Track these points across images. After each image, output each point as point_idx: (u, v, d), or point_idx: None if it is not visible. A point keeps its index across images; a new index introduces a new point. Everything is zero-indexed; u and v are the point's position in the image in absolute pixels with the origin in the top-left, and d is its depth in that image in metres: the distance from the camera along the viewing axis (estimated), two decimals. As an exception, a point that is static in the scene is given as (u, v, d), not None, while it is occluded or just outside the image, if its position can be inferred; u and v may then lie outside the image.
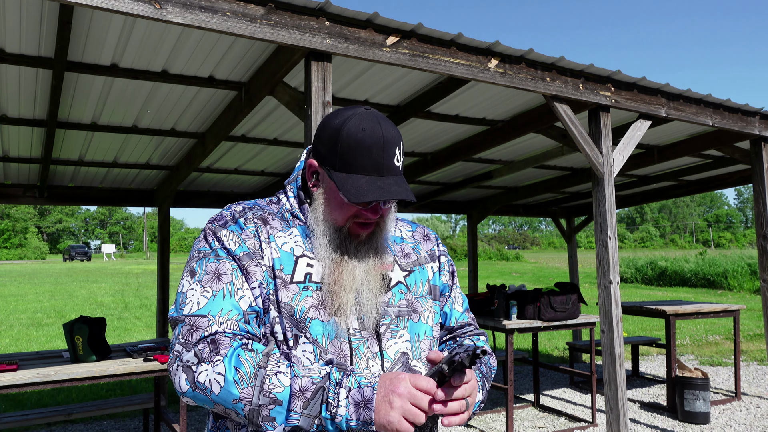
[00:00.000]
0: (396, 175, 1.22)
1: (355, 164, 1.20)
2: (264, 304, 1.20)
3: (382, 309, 1.27)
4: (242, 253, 1.22)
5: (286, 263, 1.23)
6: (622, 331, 4.15)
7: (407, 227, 1.48)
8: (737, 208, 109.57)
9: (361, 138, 1.20)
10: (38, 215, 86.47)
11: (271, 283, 1.21)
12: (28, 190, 6.59)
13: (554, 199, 9.30)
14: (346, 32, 3.08)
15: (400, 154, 1.25)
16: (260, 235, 1.24)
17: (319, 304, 1.21)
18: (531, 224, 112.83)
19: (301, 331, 1.19)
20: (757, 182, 5.43)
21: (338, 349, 1.20)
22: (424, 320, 1.34)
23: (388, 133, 1.22)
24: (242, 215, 1.27)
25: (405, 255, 1.39)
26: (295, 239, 1.27)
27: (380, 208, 1.25)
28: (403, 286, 1.33)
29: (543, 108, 4.66)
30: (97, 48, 3.38)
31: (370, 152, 1.19)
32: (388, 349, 1.25)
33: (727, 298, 19.30)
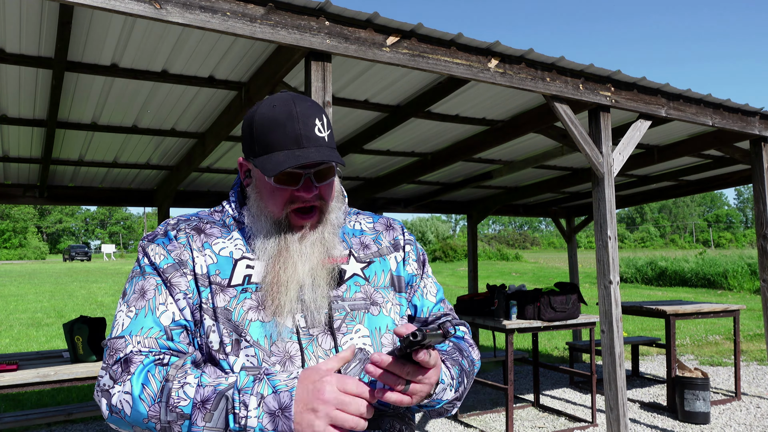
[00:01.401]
0: (320, 145, 1.16)
1: (271, 143, 1.15)
2: (195, 315, 1.16)
3: (336, 303, 1.20)
4: (166, 265, 1.18)
5: (223, 268, 1.19)
6: (622, 331, 4.14)
7: (368, 219, 1.40)
8: (737, 208, 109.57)
9: (272, 115, 1.16)
10: (38, 215, 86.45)
11: (205, 290, 1.16)
12: (28, 190, 6.59)
13: (554, 199, 9.30)
14: (346, 32, 3.08)
15: (324, 126, 1.18)
16: (191, 244, 1.20)
17: (259, 305, 1.15)
18: (531, 224, 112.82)
19: (241, 335, 1.13)
20: (757, 182, 5.43)
21: (283, 350, 1.13)
22: (385, 312, 1.25)
23: (302, 106, 1.17)
24: (174, 227, 1.24)
25: (364, 247, 1.32)
26: (236, 243, 1.23)
27: (313, 185, 1.18)
28: (360, 278, 1.26)
29: (543, 108, 4.66)
30: (97, 48, 3.38)
31: (285, 127, 1.15)
32: (344, 345, 1.17)
33: (727, 298, 19.30)
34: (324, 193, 1.21)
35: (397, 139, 5.49)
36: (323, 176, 1.19)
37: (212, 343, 1.13)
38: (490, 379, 7.10)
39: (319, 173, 1.19)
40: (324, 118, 1.20)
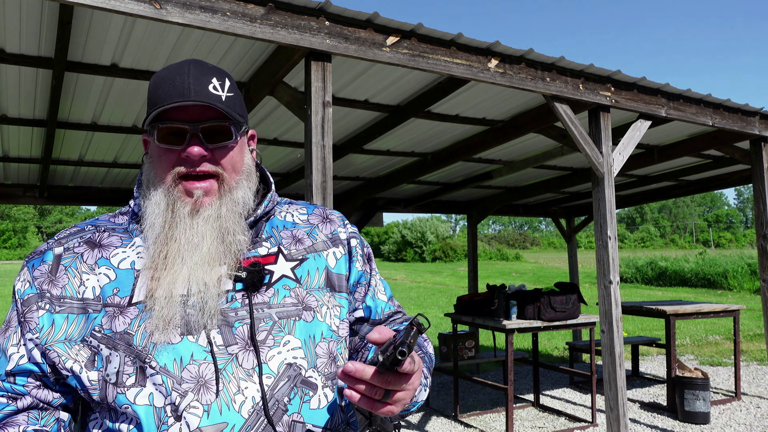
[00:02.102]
0: (212, 101, 1.03)
1: (158, 99, 1.03)
2: (48, 356, 1.00)
3: (260, 311, 1.03)
4: (27, 296, 1.04)
5: (123, 284, 1.03)
6: (622, 331, 4.15)
7: (302, 210, 1.23)
8: (737, 208, 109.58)
9: (163, 74, 1.05)
10: (38, 215, 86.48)
11: (97, 316, 1.00)
12: (28, 190, 6.59)
13: (554, 199, 9.31)
14: (346, 32, 3.08)
15: (222, 86, 1.05)
16: (79, 266, 1.04)
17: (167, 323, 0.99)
18: (531, 224, 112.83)
19: (145, 362, 0.97)
20: (757, 182, 5.43)
21: (197, 375, 0.97)
22: (320, 317, 1.09)
23: (199, 66, 1.06)
24: (61, 243, 1.09)
25: (296, 241, 1.15)
26: (138, 251, 1.07)
27: (201, 143, 1.03)
28: (290, 280, 1.09)
29: (543, 108, 4.66)
30: (97, 48, 3.38)
31: (173, 81, 1.02)
32: (269, 361, 1.01)
33: (727, 298, 19.30)
34: (219, 157, 1.06)
35: (397, 139, 5.48)
36: (215, 137, 1.05)
37: (110, 375, 0.98)
38: (490, 379, 7.10)
39: (211, 133, 1.05)
40: (227, 81, 1.07)
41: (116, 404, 0.98)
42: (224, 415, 0.96)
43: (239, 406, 0.98)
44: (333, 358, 1.09)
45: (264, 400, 0.99)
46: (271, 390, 1.00)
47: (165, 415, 0.96)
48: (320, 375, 1.06)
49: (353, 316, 1.21)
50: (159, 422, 0.96)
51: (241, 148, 1.11)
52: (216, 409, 0.97)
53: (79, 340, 1.00)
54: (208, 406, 0.96)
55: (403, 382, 0.91)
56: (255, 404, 0.98)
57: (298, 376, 1.03)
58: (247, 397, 0.98)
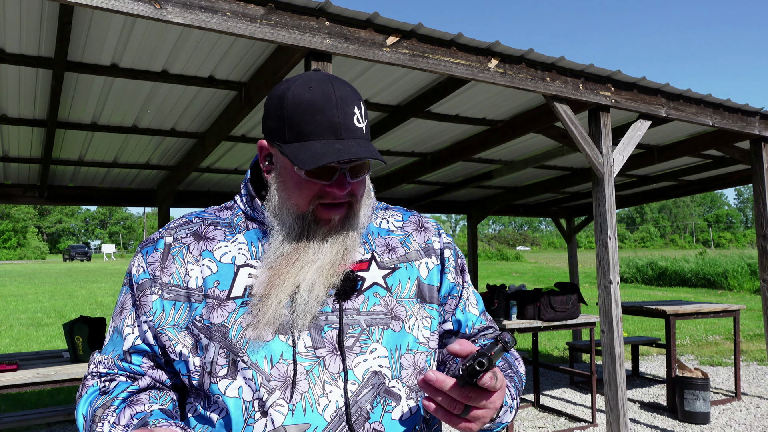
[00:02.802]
0: (359, 137, 1.03)
1: (306, 129, 1.01)
2: (159, 339, 1.05)
3: (349, 317, 1.05)
4: (142, 281, 1.08)
5: (223, 277, 1.06)
6: (622, 331, 4.14)
7: (397, 216, 1.22)
8: (737, 208, 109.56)
9: (309, 98, 1.01)
10: (38, 215, 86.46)
11: (198, 306, 1.04)
12: (28, 190, 6.59)
13: (554, 199, 9.31)
14: (346, 32, 3.08)
15: (362, 115, 1.05)
16: (186, 256, 1.08)
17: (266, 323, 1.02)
18: (531, 224, 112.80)
19: (238, 355, 1.00)
20: (757, 182, 5.43)
21: (285, 374, 1.00)
22: (408, 329, 1.08)
23: (341, 91, 1.03)
24: (171, 233, 1.12)
25: (389, 250, 1.15)
26: (239, 247, 1.09)
27: (347, 181, 1.04)
28: (380, 288, 1.09)
29: (543, 108, 4.66)
30: (97, 48, 3.38)
31: (323, 112, 1.00)
32: (355, 367, 1.02)
33: (727, 298, 19.30)
34: (355, 188, 1.07)
35: (397, 139, 5.49)
36: (358, 172, 1.06)
37: (206, 364, 1.02)
38: (490, 379, 7.08)
39: (354, 168, 1.05)
40: (362, 106, 1.06)
41: (210, 392, 1.01)
42: (308, 416, 0.98)
43: (323, 408, 0.99)
44: (419, 369, 1.08)
45: (347, 405, 1.00)
46: (355, 396, 1.01)
47: (252, 409, 0.99)
48: (404, 386, 1.05)
49: (442, 329, 1.20)
50: (246, 415, 0.99)
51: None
52: (300, 409, 0.98)
53: (184, 327, 1.04)
54: (293, 406, 0.98)
55: (483, 399, 0.90)
56: (338, 409, 0.99)
57: (381, 385, 1.03)
58: (330, 401, 0.99)
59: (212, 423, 1.02)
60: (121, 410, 1.00)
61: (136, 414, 1.00)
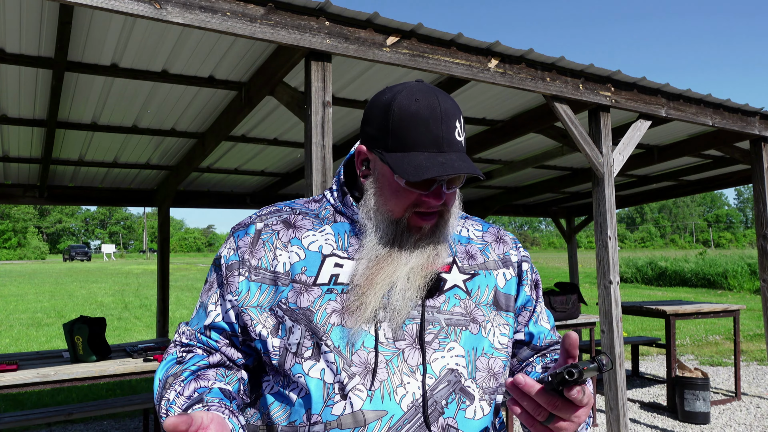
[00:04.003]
0: (459, 151, 1.06)
1: (410, 140, 1.04)
2: (242, 318, 1.10)
3: (430, 314, 1.08)
4: (231, 262, 1.13)
5: (311, 264, 1.10)
6: (622, 331, 4.15)
7: (477, 226, 1.27)
8: (737, 208, 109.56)
9: (415, 110, 1.04)
10: (38, 215, 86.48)
11: (285, 289, 1.08)
12: (28, 190, 6.59)
13: (554, 199, 9.31)
14: (346, 32, 3.08)
15: (461, 129, 1.08)
16: (275, 242, 1.13)
17: (344, 309, 1.06)
18: (531, 224, 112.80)
19: (322, 339, 1.04)
20: (757, 182, 5.43)
21: (365, 361, 1.03)
22: (484, 333, 1.12)
23: (445, 104, 1.06)
24: (262, 219, 1.17)
25: (470, 257, 1.19)
26: (327, 237, 1.14)
27: (443, 192, 1.07)
28: (460, 290, 1.13)
29: (543, 108, 4.66)
30: (97, 48, 3.38)
31: (428, 125, 1.03)
32: (433, 362, 1.05)
33: (727, 298, 19.30)
34: (449, 199, 1.11)
35: (397, 139, 5.48)
36: (453, 183, 1.09)
37: (291, 345, 1.06)
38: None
39: (450, 180, 1.09)
40: (461, 120, 1.10)
41: (291, 372, 1.05)
42: (385, 404, 1.01)
43: (400, 398, 1.02)
44: (492, 374, 1.11)
45: (424, 398, 1.03)
46: (432, 390, 1.04)
47: (333, 391, 1.02)
48: (478, 387, 1.08)
49: (514, 339, 1.23)
50: (326, 397, 1.02)
51: None
52: (378, 396, 1.01)
53: (267, 309, 1.09)
54: (372, 392, 1.01)
55: (568, 411, 0.91)
56: (414, 400, 1.02)
57: (457, 383, 1.06)
58: (408, 392, 1.02)
59: (291, 401, 1.06)
60: (188, 382, 1.06)
61: (199, 388, 1.04)
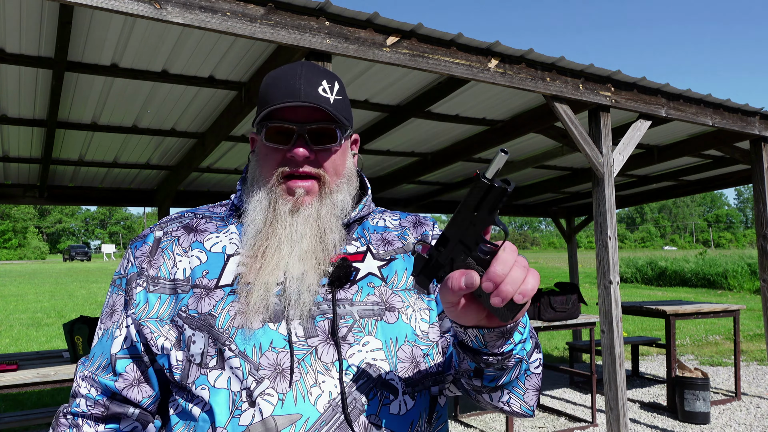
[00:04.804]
0: (320, 103, 1.03)
1: (268, 98, 1.05)
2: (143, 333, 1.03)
3: (342, 308, 1.02)
4: (131, 275, 1.07)
5: (212, 266, 1.05)
6: (622, 331, 4.15)
7: (395, 216, 1.22)
8: (737, 208, 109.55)
9: (275, 74, 1.07)
10: (38, 215, 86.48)
11: (185, 296, 1.03)
12: (28, 190, 6.59)
13: (554, 199, 9.31)
14: (346, 32, 3.08)
15: (332, 89, 1.06)
16: (175, 248, 1.08)
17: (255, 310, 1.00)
18: (531, 224, 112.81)
19: (225, 344, 0.98)
20: (757, 182, 5.43)
21: (274, 362, 0.97)
22: (405, 319, 1.05)
23: (311, 67, 1.07)
24: (162, 227, 1.13)
25: (386, 243, 1.14)
26: (231, 237, 1.10)
27: (307, 145, 1.04)
28: (375, 278, 1.07)
29: (543, 108, 4.66)
30: (97, 48, 3.38)
31: (286, 80, 1.04)
32: (350, 357, 0.99)
33: (727, 298, 19.30)
34: (322, 159, 1.07)
35: (397, 139, 5.48)
36: (320, 138, 1.06)
37: (194, 356, 1.00)
38: (490, 379, 7.09)
39: (316, 135, 1.06)
40: (336, 85, 1.08)
41: (195, 385, 0.99)
42: (299, 406, 0.95)
43: (315, 399, 0.96)
44: (416, 363, 1.04)
45: (342, 395, 0.97)
46: (350, 387, 0.98)
47: (240, 400, 0.96)
48: (400, 380, 1.02)
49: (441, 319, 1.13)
50: (233, 407, 0.96)
51: (344, 152, 1.12)
52: (291, 399, 0.95)
53: (169, 321, 1.03)
54: (283, 395, 0.96)
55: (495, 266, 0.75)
56: (331, 399, 0.96)
57: (378, 377, 1.00)
58: (324, 391, 0.96)
59: (194, 418, 0.99)
60: None
61: None
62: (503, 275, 0.73)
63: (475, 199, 0.74)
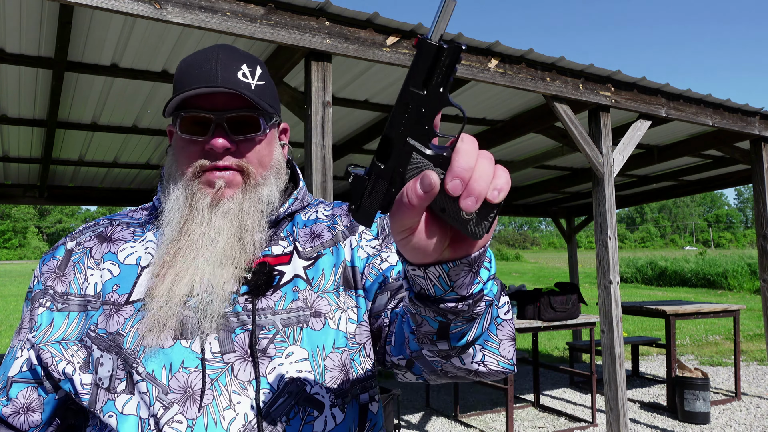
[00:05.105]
0: (239, 88, 0.94)
1: (182, 84, 0.95)
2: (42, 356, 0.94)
3: (263, 318, 0.92)
4: (36, 292, 0.98)
5: (124, 280, 0.95)
6: (622, 331, 4.15)
7: (327, 207, 1.10)
8: (737, 208, 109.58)
9: (190, 59, 0.97)
10: (38, 215, 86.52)
11: (94, 314, 0.93)
12: (28, 190, 6.59)
13: (554, 199, 9.31)
14: (346, 32, 3.08)
15: (253, 74, 0.97)
16: (86, 261, 0.99)
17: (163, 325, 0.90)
18: (531, 224, 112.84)
19: (133, 367, 0.88)
20: (757, 182, 5.43)
21: (184, 385, 0.87)
22: (333, 324, 0.95)
23: (229, 51, 0.97)
24: (74, 238, 1.03)
25: (314, 237, 1.02)
26: (146, 246, 0.99)
27: (226, 135, 0.94)
28: (301, 280, 0.97)
29: (543, 108, 4.66)
30: (97, 48, 3.38)
31: (200, 65, 0.95)
32: (269, 374, 0.89)
33: (727, 298, 19.31)
34: (245, 150, 0.97)
35: (397, 139, 5.48)
36: (242, 128, 0.96)
37: (102, 380, 0.90)
38: (490, 379, 7.09)
39: (237, 124, 0.96)
40: (258, 69, 0.98)
41: (102, 412, 0.89)
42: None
43: (228, 423, 0.86)
44: (345, 371, 0.95)
45: (259, 418, 0.87)
46: (268, 407, 0.88)
47: (148, 428, 0.87)
48: (328, 392, 0.92)
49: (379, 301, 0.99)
50: None
51: (270, 142, 1.02)
52: (201, 424, 0.86)
53: (77, 341, 0.94)
54: (193, 422, 0.86)
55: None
56: (247, 422, 0.87)
57: (300, 393, 0.90)
58: (238, 414, 0.87)
59: None
60: None
61: None
62: (470, 168, 0.55)
63: (422, 73, 0.56)
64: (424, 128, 0.58)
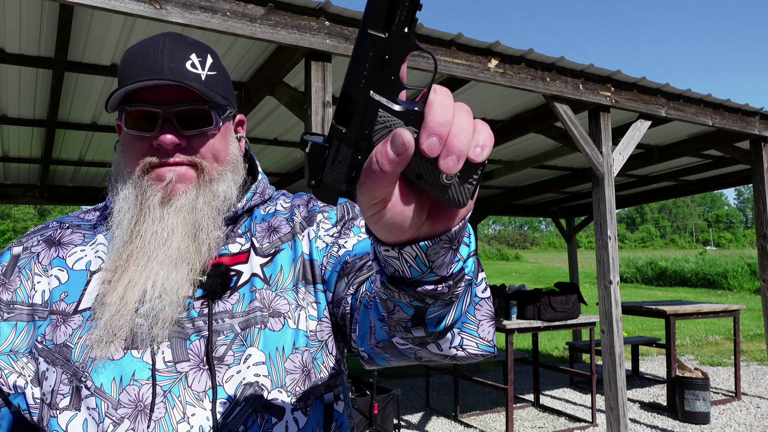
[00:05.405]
0: (189, 80, 0.89)
1: (126, 77, 0.89)
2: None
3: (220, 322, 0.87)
4: None
5: (73, 288, 0.90)
6: (622, 331, 4.15)
7: (287, 199, 1.04)
8: (737, 208, 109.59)
9: (135, 48, 0.91)
10: (38, 215, 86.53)
11: (42, 324, 0.88)
12: (28, 190, 6.60)
13: (554, 199, 9.31)
14: (346, 32, 3.08)
15: (203, 63, 0.91)
16: (33, 267, 0.93)
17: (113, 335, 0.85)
18: (531, 224, 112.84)
19: (81, 380, 0.82)
20: (757, 182, 5.43)
21: (135, 398, 0.82)
22: (292, 324, 0.89)
23: (174, 39, 0.91)
24: (22, 243, 0.97)
25: (272, 232, 0.97)
26: (97, 249, 0.94)
27: (175, 130, 0.89)
28: (258, 279, 0.91)
29: (543, 108, 4.66)
30: (97, 48, 3.38)
31: (145, 57, 0.88)
32: (226, 383, 0.84)
33: (727, 298, 19.31)
34: (197, 145, 0.91)
35: (397, 139, 5.48)
36: (192, 122, 0.91)
37: (45, 395, 0.85)
38: (490, 379, 7.10)
39: (187, 118, 0.90)
40: (209, 58, 0.92)
41: (48, 430, 0.84)
42: None
43: None
44: (307, 372, 0.89)
45: (215, 428, 0.82)
46: (224, 418, 0.82)
47: None
48: (289, 395, 0.86)
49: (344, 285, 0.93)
50: None
51: (224, 135, 0.96)
52: None
53: (27, 352, 0.88)
54: None
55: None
56: None
57: (258, 399, 0.84)
58: (192, 426, 0.82)
59: None
60: None
61: None
62: (447, 123, 0.46)
63: (381, 10, 0.45)
64: (390, 79, 0.48)
